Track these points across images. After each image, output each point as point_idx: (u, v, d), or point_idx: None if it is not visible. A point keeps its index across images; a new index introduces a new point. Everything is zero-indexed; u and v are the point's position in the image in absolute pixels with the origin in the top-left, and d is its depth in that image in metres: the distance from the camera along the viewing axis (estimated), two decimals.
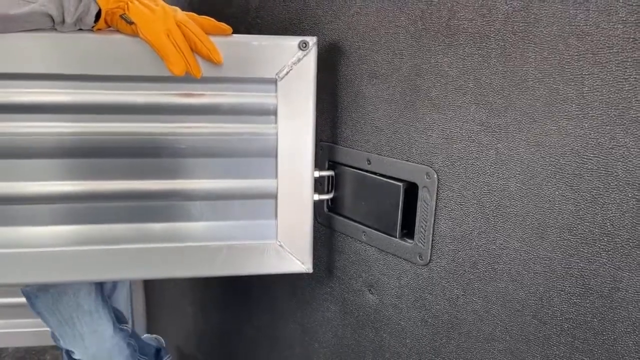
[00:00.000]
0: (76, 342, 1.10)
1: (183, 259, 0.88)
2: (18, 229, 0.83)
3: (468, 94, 0.69)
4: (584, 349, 0.62)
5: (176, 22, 0.74)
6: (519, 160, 0.65)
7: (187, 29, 0.74)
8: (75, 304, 1.06)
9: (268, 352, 1.24)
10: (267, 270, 0.90)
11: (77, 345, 1.10)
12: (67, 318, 1.06)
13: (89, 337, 1.10)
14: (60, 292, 1.05)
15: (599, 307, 0.60)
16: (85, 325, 1.08)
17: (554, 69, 0.59)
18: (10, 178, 0.81)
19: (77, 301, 1.06)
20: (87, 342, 1.11)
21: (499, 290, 0.70)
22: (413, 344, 0.84)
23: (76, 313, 1.07)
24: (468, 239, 0.73)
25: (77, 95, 0.79)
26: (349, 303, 0.96)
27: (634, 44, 0.53)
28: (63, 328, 1.07)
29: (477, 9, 0.66)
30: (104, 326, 1.13)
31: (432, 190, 0.75)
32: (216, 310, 1.45)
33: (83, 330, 1.09)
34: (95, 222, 0.85)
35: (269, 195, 0.88)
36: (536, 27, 0.60)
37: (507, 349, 0.70)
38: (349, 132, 0.89)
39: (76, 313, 1.07)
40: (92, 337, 1.11)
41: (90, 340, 1.11)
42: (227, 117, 0.85)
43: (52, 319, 1.07)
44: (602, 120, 0.56)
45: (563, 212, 0.61)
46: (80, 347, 1.11)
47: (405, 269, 0.83)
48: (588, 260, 0.60)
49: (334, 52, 0.88)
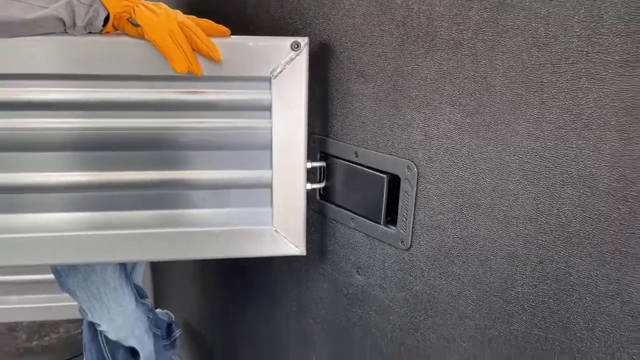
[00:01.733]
0: (103, 315, 1.20)
1: (186, 242, 0.95)
2: (37, 216, 0.91)
3: (444, 95, 0.75)
4: (542, 325, 0.70)
5: (178, 23, 0.80)
6: (488, 157, 0.71)
7: (189, 30, 0.80)
8: (103, 281, 1.16)
9: (266, 327, 1.33)
10: (264, 253, 0.98)
11: (104, 318, 1.20)
12: (95, 293, 1.16)
13: (115, 311, 1.21)
14: (89, 270, 1.14)
15: (555, 289, 0.67)
16: (111, 300, 1.18)
17: (519, 76, 0.66)
18: (26, 169, 0.88)
19: (104, 278, 1.16)
20: (113, 315, 1.21)
21: (470, 273, 0.78)
22: (396, 321, 0.93)
23: (103, 289, 1.16)
24: (444, 227, 0.80)
25: (86, 93, 0.85)
26: (339, 283, 1.04)
27: (586, 56, 0.59)
28: (91, 302, 1.17)
29: (452, 18, 0.71)
30: (128, 300, 1.24)
31: (413, 183, 0.82)
32: (218, 288, 1.54)
33: (110, 304, 1.19)
34: (107, 209, 0.93)
35: (265, 185, 0.95)
36: (503, 37, 0.66)
37: (477, 325, 0.78)
38: (338, 126, 0.95)
39: (103, 289, 1.16)
40: (117, 310, 1.21)
41: (116, 313, 1.21)
42: (225, 113, 0.91)
43: (82, 295, 1.16)
44: (558, 124, 0.63)
45: (525, 204, 0.68)
46: (107, 320, 1.21)
47: (389, 253, 0.91)
48: (545, 248, 0.67)
49: (324, 52, 0.94)
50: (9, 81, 0.83)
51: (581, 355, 0.66)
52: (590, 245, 0.63)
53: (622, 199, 0.59)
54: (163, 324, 1.53)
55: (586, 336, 0.65)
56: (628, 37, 0.55)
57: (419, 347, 0.89)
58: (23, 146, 0.86)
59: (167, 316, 1.64)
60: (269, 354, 1.36)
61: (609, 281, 0.62)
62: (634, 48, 0.55)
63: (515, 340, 0.74)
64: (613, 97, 0.58)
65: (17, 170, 0.87)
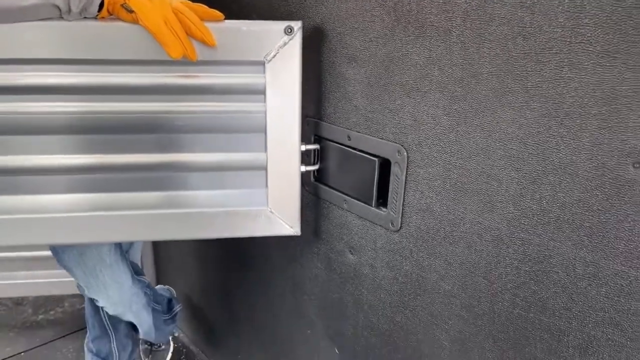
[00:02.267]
0: (100, 291, 1.24)
1: (185, 223, 0.98)
2: (39, 197, 0.93)
3: (433, 81, 0.76)
4: (523, 305, 0.73)
5: (172, 9, 0.81)
6: (474, 143, 0.73)
7: (183, 15, 0.81)
8: (99, 258, 1.19)
9: (263, 303, 1.37)
10: (260, 233, 1.01)
11: (101, 294, 1.24)
12: (92, 270, 1.19)
13: (112, 287, 1.24)
14: (84, 247, 1.17)
15: (535, 271, 0.70)
16: (107, 276, 1.22)
17: (504, 64, 0.67)
18: (27, 152, 0.90)
19: (100, 256, 1.19)
20: (110, 292, 1.25)
21: (457, 254, 0.80)
22: (386, 298, 0.96)
23: (99, 266, 1.20)
24: (432, 209, 0.82)
25: (84, 77, 0.87)
26: (333, 262, 1.08)
27: (569, 46, 0.60)
28: (88, 279, 1.21)
29: (441, 5, 0.72)
30: (124, 277, 1.27)
31: (403, 166, 0.84)
32: (218, 265, 1.58)
33: (106, 280, 1.22)
34: (106, 191, 0.95)
35: (260, 167, 0.97)
36: (490, 26, 0.67)
37: (463, 303, 0.82)
38: (331, 110, 0.97)
39: (99, 266, 1.20)
40: (114, 286, 1.24)
41: (112, 290, 1.25)
42: (220, 97, 0.93)
43: (78, 271, 1.20)
44: (541, 112, 0.64)
45: (509, 189, 0.71)
46: (104, 296, 1.25)
47: (380, 234, 0.93)
48: (527, 231, 0.70)
49: (318, 36, 0.94)
50: (9, 66, 0.84)
51: (560, 334, 0.69)
52: (569, 229, 0.65)
53: (599, 186, 0.61)
54: (163, 299, 1.57)
55: (564, 315, 0.68)
56: (609, 28, 0.57)
57: (408, 324, 0.93)
58: (24, 130, 0.88)
59: (168, 292, 1.69)
60: (266, 329, 1.40)
61: (586, 264, 0.64)
62: (615, 39, 0.56)
63: (499, 319, 0.77)
64: (593, 86, 0.59)
65: (19, 153, 0.90)
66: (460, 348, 0.84)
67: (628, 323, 0.62)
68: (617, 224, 0.60)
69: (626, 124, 0.57)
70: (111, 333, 1.44)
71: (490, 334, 0.79)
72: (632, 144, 0.57)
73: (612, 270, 0.62)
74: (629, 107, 0.57)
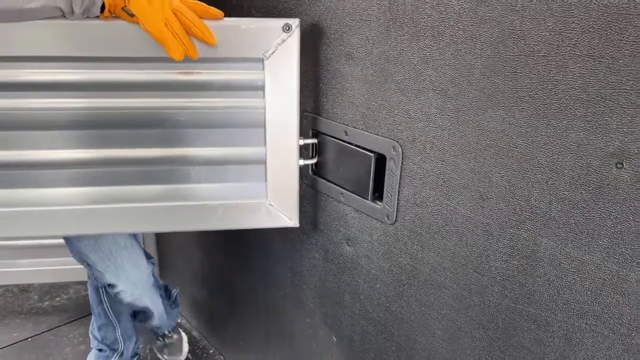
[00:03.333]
0: (119, 273, 1.27)
1: (186, 215, 1.01)
2: (44, 190, 0.96)
3: (427, 80, 0.78)
4: (512, 296, 0.76)
5: (172, 9, 0.83)
6: (466, 140, 0.76)
7: (183, 15, 0.83)
8: (113, 241, 1.23)
9: (263, 292, 1.41)
10: (260, 225, 1.04)
11: (120, 277, 1.27)
12: (108, 254, 1.22)
13: (130, 268, 1.28)
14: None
15: (523, 264, 0.73)
16: (124, 258, 1.25)
17: (495, 65, 0.69)
18: (32, 147, 0.93)
19: (114, 239, 1.23)
20: (128, 273, 1.28)
21: (449, 248, 0.83)
22: (382, 289, 0.99)
23: (115, 248, 1.23)
24: (425, 204, 0.85)
25: (88, 74, 0.89)
26: (330, 253, 1.11)
27: (557, 50, 0.62)
28: (105, 263, 1.24)
29: (434, 6, 0.74)
30: (139, 258, 1.31)
31: (397, 162, 0.87)
32: (219, 256, 1.61)
33: (123, 262, 1.26)
34: (111, 184, 0.98)
35: (259, 161, 0.99)
36: (481, 28, 0.69)
37: (454, 295, 0.85)
38: (329, 105, 0.99)
39: (115, 248, 1.23)
40: (131, 267, 1.28)
41: (131, 271, 1.28)
42: (220, 93, 0.95)
43: (95, 257, 1.23)
44: (529, 112, 0.67)
45: (499, 186, 0.73)
46: (123, 278, 1.28)
47: (376, 227, 0.96)
48: (516, 226, 0.72)
49: (316, 33, 0.96)
50: (14, 63, 0.86)
51: (546, 324, 0.72)
52: (556, 225, 0.68)
53: (584, 185, 0.63)
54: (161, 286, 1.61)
55: (550, 307, 0.71)
56: (595, 33, 0.59)
57: (403, 313, 0.96)
58: (30, 125, 0.91)
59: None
60: (266, 316, 1.44)
61: (571, 259, 0.67)
62: (600, 44, 0.58)
63: (488, 309, 0.80)
64: (579, 89, 0.61)
65: (26, 148, 0.92)
66: (451, 337, 0.87)
67: (609, 315, 0.65)
68: (601, 221, 0.63)
69: (610, 125, 0.60)
70: (115, 323, 1.48)
71: (480, 323, 0.82)
72: (615, 145, 0.60)
73: (595, 265, 0.65)
74: (612, 109, 0.59)
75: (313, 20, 0.96)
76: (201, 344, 1.88)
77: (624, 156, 0.59)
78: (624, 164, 0.59)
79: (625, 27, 0.56)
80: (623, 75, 0.57)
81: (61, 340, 1.88)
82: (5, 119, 0.89)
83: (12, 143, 0.91)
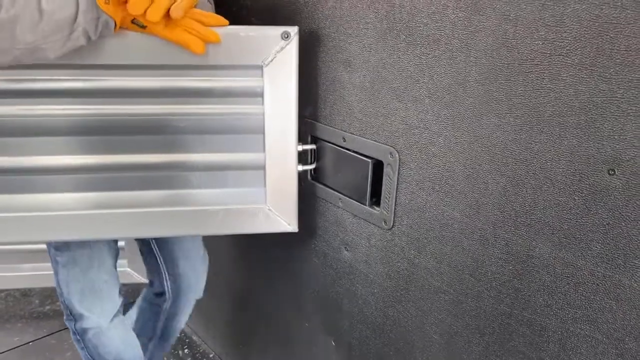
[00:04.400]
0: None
1: (186, 220, 1.02)
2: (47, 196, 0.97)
3: (423, 88, 0.80)
4: (507, 301, 0.77)
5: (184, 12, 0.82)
6: (461, 147, 0.77)
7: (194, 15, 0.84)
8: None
9: (263, 295, 1.42)
10: (259, 230, 1.05)
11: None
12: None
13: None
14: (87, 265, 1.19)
15: (519, 270, 0.74)
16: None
17: (489, 73, 0.70)
18: (34, 153, 0.94)
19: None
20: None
21: (445, 253, 0.84)
22: (380, 294, 1.00)
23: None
24: (422, 209, 0.86)
25: (90, 82, 0.90)
26: (329, 258, 1.12)
27: (550, 58, 0.63)
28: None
29: (430, 15, 0.75)
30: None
31: (395, 168, 0.88)
32: (218, 261, 1.62)
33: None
34: (113, 189, 0.99)
35: (258, 167, 1.00)
36: (476, 36, 0.70)
37: (451, 299, 0.85)
38: (327, 112, 1.00)
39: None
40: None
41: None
42: (220, 99, 0.96)
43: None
44: (523, 119, 0.68)
45: (494, 192, 0.74)
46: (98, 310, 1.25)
47: (374, 232, 0.97)
48: (511, 232, 0.73)
49: (314, 40, 0.97)
50: (16, 70, 0.88)
51: (541, 329, 0.73)
52: (550, 231, 0.69)
53: (577, 191, 0.64)
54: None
55: (545, 312, 0.72)
56: (586, 42, 0.60)
57: (401, 318, 0.97)
58: (33, 131, 0.92)
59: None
60: (265, 321, 1.45)
61: (565, 264, 0.68)
62: (592, 52, 0.59)
63: (485, 314, 0.81)
64: (571, 97, 0.62)
65: (29, 154, 0.94)
66: (448, 341, 0.88)
67: (603, 320, 0.66)
68: (593, 227, 0.64)
69: (602, 132, 0.61)
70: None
71: (477, 328, 0.82)
72: (607, 152, 0.61)
73: (589, 271, 0.66)
74: (604, 116, 0.60)
75: (311, 28, 0.97)
76: (201, 348, 1.89)
77: (615, 163, 0.60)
78: (615, 170, 0.60)
79: (615, 36, 0.57)
80: (614, 83, 0.58)
81: (62, 345, 1.89)
82: (8, 125, 0.91)
83: (14, 149, 0.93)
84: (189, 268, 1.37)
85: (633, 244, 0.61)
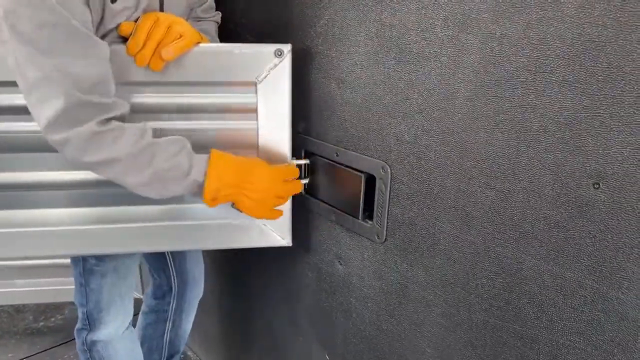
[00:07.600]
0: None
1: (181, 234, 1.03)
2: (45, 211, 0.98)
3: (414, 103, 0.81)
4: (498, 314, 0.77)
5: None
6: (451, 161, 0.78)
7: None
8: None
9: (259, 309, 1.42)
10: (253, 244, 1.06)
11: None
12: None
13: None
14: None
15: (509, 282, 0.75)
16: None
17: (477, 89, 0.72)
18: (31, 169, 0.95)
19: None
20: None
21: (437, 266, 0.85)
22: (373, 307, 1.00)
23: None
24: (414, 223, 0.87)
25: None
26: (323, 272, 1.12)
27: (534, 75, 0.65)
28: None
29: (419, 33, 0.77)
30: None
31: (387, 182, 0.89)
32: (212, 276, 1.62)
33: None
34: (108, 204, 1.00)
35: None
36: (464, 54, 0.72)
37: (443, 312, 0.86)
38: (320, 127, 1.02)
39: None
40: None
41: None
42: (215, 115, 0.98)
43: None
44: (510, 134, 0.69)
45: (484, 206, 0.75)
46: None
47: (367, 246, 0.98)
48: (501, 245, 0.74)
49: (307, 57, 0.99)
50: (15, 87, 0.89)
51: (532, 342, 0.74)
52: (538, 244, 0.70)
53: (564, 205, 0.66)
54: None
55: (536, 324, 0.73)
56: (570, 59, 0.61)
57: (394, 331, 0.97)
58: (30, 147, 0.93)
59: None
60: (260, 335, 1.44)
61: (554, 276, 0.69)
62: (575, 69, 0.61)
63: (476, 327, 0.81)
64: (556, 112, 0.64)
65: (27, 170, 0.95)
66: (441, 355, 0.88)
67: (592, 332, 0.67)
68: (580, 240, 0.65)
69: (586, 147, 0.62)
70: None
71: (469, 341, 0.83)
72: (592, 166, 0.62)
73: (577, 283, 0.67)
74: (588, 131, 0.62)
75: (304, 46, 0.99)
76: None
77: (600, 177, 0.62)
78: (600, 184, 0.62)
79: (597, 54, 0.59)
80: (596, 99, 0.60)
81: None
82: (5, 142, 0.92)
83: (11, 165, 0.94)
84: (194, 263, 1.43)
85: (619, 256, 0.62)
